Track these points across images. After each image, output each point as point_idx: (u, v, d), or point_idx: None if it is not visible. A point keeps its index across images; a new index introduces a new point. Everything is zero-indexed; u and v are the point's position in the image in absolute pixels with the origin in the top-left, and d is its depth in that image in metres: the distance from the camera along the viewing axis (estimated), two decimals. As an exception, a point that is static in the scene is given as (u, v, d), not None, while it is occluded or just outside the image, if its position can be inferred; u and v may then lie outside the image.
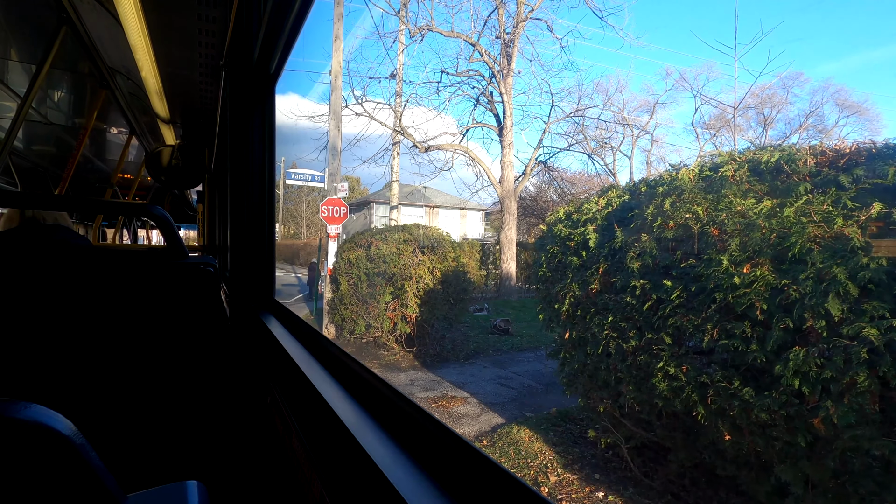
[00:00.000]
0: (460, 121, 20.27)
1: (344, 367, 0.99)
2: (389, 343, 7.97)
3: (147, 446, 1.45)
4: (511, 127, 14.97)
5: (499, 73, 14.77)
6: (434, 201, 30.05)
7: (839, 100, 23.85)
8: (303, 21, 1.29)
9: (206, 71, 2.45)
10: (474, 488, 0.54)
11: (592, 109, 18.15)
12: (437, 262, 7.97)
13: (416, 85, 19.47)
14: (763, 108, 23.69)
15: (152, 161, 3.52)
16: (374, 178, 38.54)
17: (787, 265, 2.26)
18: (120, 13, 1.69)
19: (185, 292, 1.52)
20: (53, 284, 1.34)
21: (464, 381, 6.62)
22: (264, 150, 1.86)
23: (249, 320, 1.80)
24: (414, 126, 15.99)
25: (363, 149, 62.08)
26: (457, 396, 5.93)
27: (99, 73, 2.71)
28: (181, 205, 8.71)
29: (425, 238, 8.23)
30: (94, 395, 1.39)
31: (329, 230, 9.84)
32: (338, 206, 9.85)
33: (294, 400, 1.12)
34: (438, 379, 6.78)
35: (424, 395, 6.02)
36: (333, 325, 8.94)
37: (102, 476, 0.48)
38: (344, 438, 0.72)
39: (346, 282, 8.25)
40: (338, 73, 10.56)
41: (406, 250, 7.85)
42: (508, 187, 15.13)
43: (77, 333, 1.37)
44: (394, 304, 7.81)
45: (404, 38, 14.52)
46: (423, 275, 7.77)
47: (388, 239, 8.01)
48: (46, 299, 1.33)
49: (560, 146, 18.73)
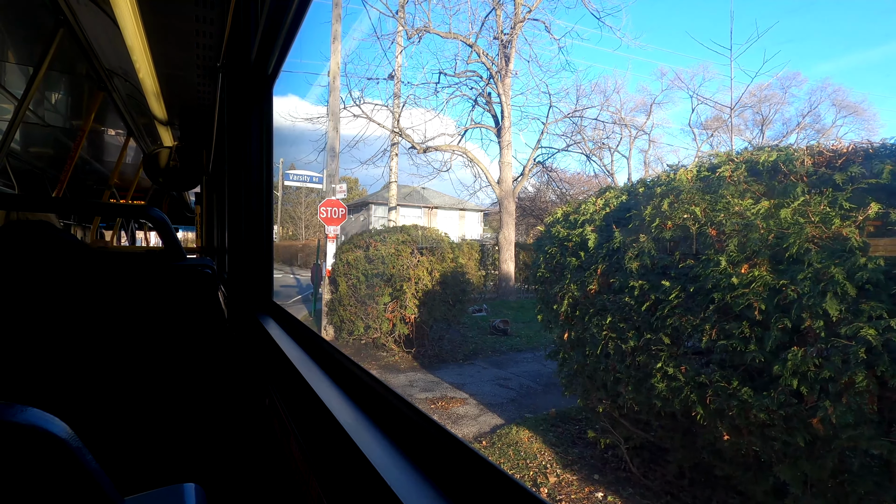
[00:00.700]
0: (459, 122, 20.24)
1: (342, 369, 0.99)
2: (388, 344, 7.93)
3: (145, 449, 1.44)
4: (509, 128, 14.94)
5: (497, 74, 14.78)
6: (433, 202, 30.07)
7: (836, 100, 23.98)
8: (300, 22, 1.28)
9: (203, 72, 2.45)
10: (472, 490, 0.54)
11: (590, 110, 18.21)
12: (435, 263, 7.93)
13: (414, 86, 19.48)
14: (760, 108, 23.79)
15: (150, 163, 3.51)
16: (372, 180, 38.62)
17: (785, 265, 2.26)
18: (117, 14, 1.69)
19: (183, 294, 1.51)
20: (48, 286, 1.33)
21: (463, 382, 6.60)
22: (262, 151, 1.85)
23: (247, 322, 1.80)
24: (412, 127, 15.96)
25: (361, 150, 62.06)
26: (456, 397, 5.93)
27: (96, 75, 2.71)
28: (179, 206, 8.70)
29: (424, 239, 8.18)
30: (91, 398, 1.39)
31: (327, 231, 9.81)
32: (336, 207, 9.82)
33: (292, 402, 1.11)
34: (437, 380, 6.77)
35: (423, 396, 6.01)
36: (332, 327, 8.90)
37: (99, 479, 0.48)
38: (342, 441, 0.71)
39: (344, 283, 8.22)
40: (336, 74, 10.55)
41: (404, 251, 7.81)
42: (507, 188, 15.10)
43: (74, 335, 1.36)
44: (392, 305, 7.76)
45: (402, 39, 14.53)
46: (421, 276, 7.73)
47: (386, 240, 7.97)
48: (42, 301, 1.32)
49: (558, 147, 18.75)
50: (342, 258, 8.35)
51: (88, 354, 1.38)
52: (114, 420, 1.41)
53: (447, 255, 8.09)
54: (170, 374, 1.50)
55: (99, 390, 1.40)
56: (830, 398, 2.00)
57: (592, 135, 19.43)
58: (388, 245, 7.85)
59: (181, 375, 1.52)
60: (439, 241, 8.28)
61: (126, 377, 1.44)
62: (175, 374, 1.51)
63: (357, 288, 8.01)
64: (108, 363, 1.41)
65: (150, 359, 1.47)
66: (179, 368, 1.51)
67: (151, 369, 1.47)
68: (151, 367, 1.47)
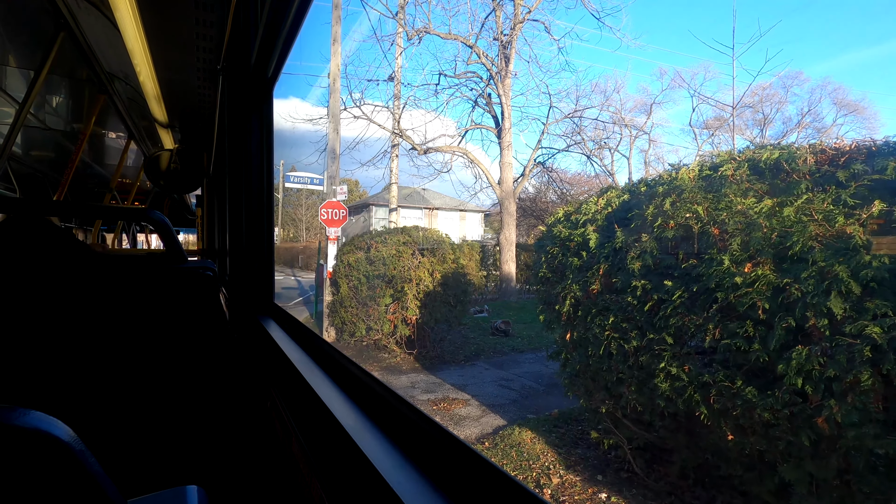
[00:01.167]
0: (459, 122, 20.18)
1: (343, 371, 0.98)
2: (390, 345, 7.92)
3: (147, 451, 1.44)
4: (509, 129, 14.94)
5: (497, 75, 14.78)
6: (433, 203, 30.06)
7: (837, 98, 23.94)
8: (300, 25, 1.28)
9: (203, 75, 2.45)
10: (473, 490, 0.54)
11: (590, 110, 18.18)
12: (436, 264, 7.90)
13: (414, 87, 19.47)
14: (762, 107, 23.75)
15: (151, 165, 3.52)
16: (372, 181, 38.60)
17: (789, 264, 2.25)
18: (117, 18, 1.69)
19: (185, 297, 1.51)
20: (51, 288, 1.33)
21: (465, 384, 6.58)
22: (262, 153, 1.85)
23: (249, 324, 1.79)
24: (413, 128, 15.98)
25: (362, 151, 62.02)
26: (458, 398, 5.92)
27: (97, 79, 2.71)
28: (180, 209, 8.72)
29: (424, 240, 8.15)
30: (93, 401, 1.38)
31: (328, 233, 9.76)
32: (337, 208, 9.75)
33: (294, 403, 1.11)
34: (439, 381, 6.75)
35: (426, 398, 6.00)
36: (334, 329, 8.87)
37: (102, 482, 0.47)
38: (343, 442, 0.71)
39: (345, 284, 8.20)
40: (336, 75, 10.53)
41: (406, 252, 7.79)
42: (508, 189, 15.07)
43: (76, 338, 1.36)
44: (394, 306, 7.75)
45: (402, 40, 14.55)
46: (422, 277, 7.72)
47: (387, 241, 7.96)
48: (45, 303, 1.32)
49: (559, 147, 18.71)
50: (343, 260, 8.34)
51: (91, 357, 1.38)
52: (117, 423, 1.41)
53: (448, 256, 8.06)
54: (172, 376, 1.50)
55: (101, 393, 1.40)
56: (835, 397, 1.99)
57: (593, 135, 19.42)
58: (390, 246, 7.84)
59: (183, 378, 1.52)
60: (440, 242, 8.25)
61: (128, 380, 1.44)
62: (177, 377, 1.51)
63: (358, 289, 7.99)
64: (110, 366, 1.41)
65: (152, 361, 1.47)
66: (181, 371, 1.51)
67: (153, 372, 1.47)
68: (153, 369, 1.47)
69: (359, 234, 8.93)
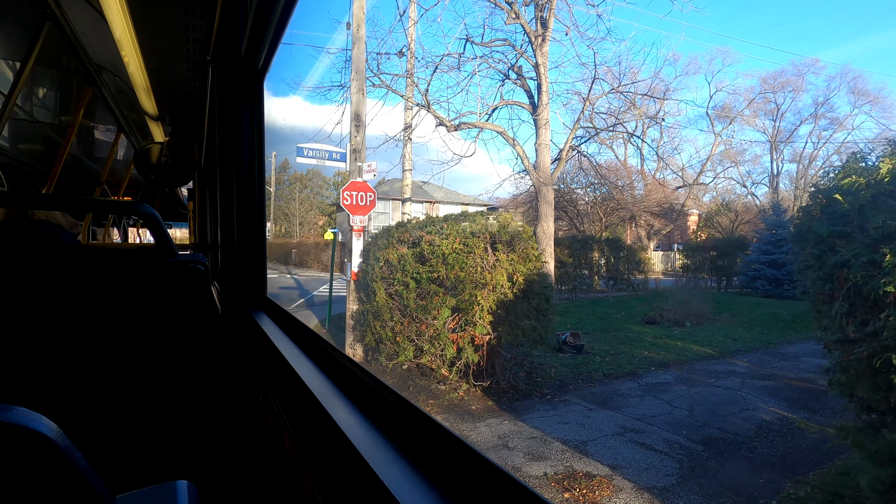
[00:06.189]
0: (484, 101, 17.33)
1: (335, 364, 0.98)
2: (441, 372, 5.98)
3: (137, 446, 1.44)
4: (547, 104, 12.12)
5: (536, 39, 12.09)
6: (434, 196, 29.66)
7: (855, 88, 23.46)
8: (289, 15, 1.27)
9: (193, 66, 2.42)
10: (467, 486, 0.54)
11: (640, 84, 15.73)
12: (517, 264, 5.83)
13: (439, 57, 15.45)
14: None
15: (141, 158, 3.48)
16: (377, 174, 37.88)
17: None
18: (104, 7, 1.67)
19: (175, 291, 1.50)
20: (36, 282, 1.31)
21: (581, 439, 4.54)
22: (254, 146, 1.84)
23: (241, 318, 1.79)
24: (437, 101, 13.57)
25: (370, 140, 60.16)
26: (591, 472, 3.85)
27: (85, 70, 2.67)
28: (172, 203, 8.64)
29: (501, 230, 5.97)
30: (81, 396, 1.37)
31: (353, 222, 7.74)
32: (364, 190, 7.69)
33: (285, 397, 1.11)
34: (537, 433, 4.70)
35: (540, 472, 3.89)
36: (361, 346, 6.98)
37: (89, 478, 0.47)
38: (335, 436, 0.71)
39: (382, 290, 6.29)
40: (360, 20, 8.04)
41: (477, 247, 5.75)
42: (545, 174, 12.18)
43: (64, 332, 1.35)
44: (454, 321, 5.82)
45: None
46: (499, 281, 5.69)
47: (446, 232, 5.97)
48: (31, 297, 1.31)
49: (599, 127, 16.26)
50: (380, 257, 6.47)
51: (79, 351, 1.37)
52: (105, 417, 1.40)
53: (531, 253, 6.03)
54: (162, 370, 1.49)
55: (89, 388, 1.39)
56: None
57: (642, 110, 16.85)
58: (452, 239, 5.84)
59: (173, 372, 1.51)
60: (517, 232, 6.08)
61: (117, 374, 1.43)
62: (167, 371, 1.50)
63: (404, 297, 6.03)
64: (98, 360, 1.40)
65: (142, 355, 1.46)
66: (171, 365, 1.50)
67: (143, 366, 1.46)
68: (143, 363, 1.46)
69: (398, 223, 7.16)
